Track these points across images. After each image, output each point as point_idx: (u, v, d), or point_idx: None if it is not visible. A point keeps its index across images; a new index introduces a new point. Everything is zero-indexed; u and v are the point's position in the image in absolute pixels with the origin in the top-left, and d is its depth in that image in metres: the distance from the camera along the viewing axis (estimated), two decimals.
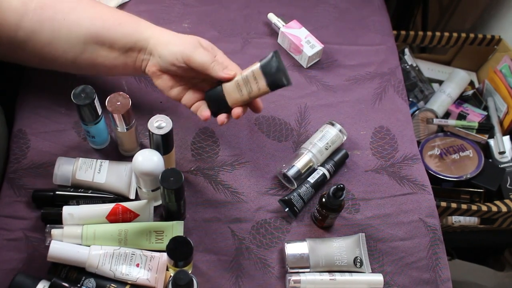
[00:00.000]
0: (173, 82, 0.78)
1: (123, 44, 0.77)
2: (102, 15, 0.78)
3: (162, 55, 0.75)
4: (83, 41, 0.77)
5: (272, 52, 0.71)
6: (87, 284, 0.72)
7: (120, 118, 0.75)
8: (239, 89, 0.73)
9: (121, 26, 0.78)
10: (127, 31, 0.77)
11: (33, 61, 0.82)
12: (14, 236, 0.76)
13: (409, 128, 0.95)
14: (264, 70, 0.71)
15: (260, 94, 0.72)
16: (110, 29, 0.77)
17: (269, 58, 0.71)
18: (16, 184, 0.80)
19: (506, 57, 1.31)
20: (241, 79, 0.73)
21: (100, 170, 0.80)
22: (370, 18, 1.09)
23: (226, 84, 0.74)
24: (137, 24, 0.79)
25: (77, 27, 0.77)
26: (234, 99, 0.74)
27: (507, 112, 1.29)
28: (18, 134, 0.85)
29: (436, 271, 0.81)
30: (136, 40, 0.77)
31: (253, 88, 0.72)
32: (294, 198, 0.82)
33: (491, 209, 1.16)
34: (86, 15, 0.78)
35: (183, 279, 0.64)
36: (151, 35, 0.77)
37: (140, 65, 0.79)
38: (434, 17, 1.70)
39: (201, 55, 0.74)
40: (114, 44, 0.77)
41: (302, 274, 0.76)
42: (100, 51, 0.78)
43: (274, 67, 0.70)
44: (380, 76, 1.01)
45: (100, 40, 0.77)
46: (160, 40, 0.76)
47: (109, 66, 0.79)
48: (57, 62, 0.80)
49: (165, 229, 0.76)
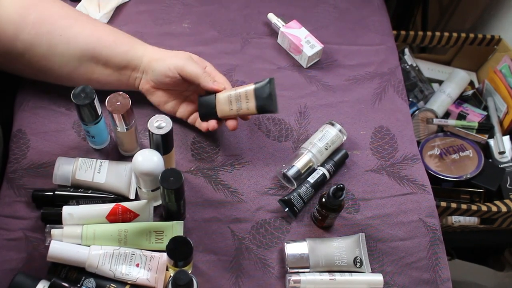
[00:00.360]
0: (166, 97, 0.84)
1: (117, 62, 0.81)
2: (98, 33, 0.82)
3: (155, 69, 0.81)
4: (79, 57, 0.81)
5: (268, 78, 0.79)
6: (87, 284, 0.72)
7: (120, 118, 0.75)
8: (229, 103, 0.80)
9: (116, 45, 0.82)
10: (122, 50, 0.82)
11: (29, 73, 0.85)
12: (14, 236, 0.76)
13: (409, 128, 0.95)
14: (257, 93, 0.78)
15: (247, 113, 0.80)
16: (105, 47, 0.81)
17: (264, 83, 0.78)
18: (16, 184, 0.80)
19: (506, 57, 1.31)
20: (234, 94, 0.79)
21: (100, 170, 0.80)
22: (370, 18, 1.09)
23: (219, 95, 0.80)
24: (132, 44, 0.84)
25: (73, 44, 0.80)
26: (223, 111, 0.80)
27: (507, 112, 1.29)
28: (18, 134, 0.85)
29: (436, 271, 0.81)
30: (130, 59, 0.82)
31: (243, 106, 0.79)
32: (294, 198, 0.82)
33: (491, 209, 1.16)
34: (83, 33, 0.81)
35: (183, 279, 0.64)
36: (144, 53, 0.82)
37: (134, 82, 0.84)
38: (434, 17, 1.70)
39: (192, 66, 0.80)
40: (108, 61, 0.81)
41: (302, 274, 0.76)
42: (95, 68, 0.82)
43: (267, 93, 0.77)
44: (380, 76, 1.01)
45: (95, 57, 0.81)
46: (153, 57, 0.82)
47: (104, 82, 0.84)
48: (52, 75, 0.83)
49: (165, 229, 0.76)
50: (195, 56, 0.84)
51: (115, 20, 1.00)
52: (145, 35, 0.95)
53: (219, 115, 0.81)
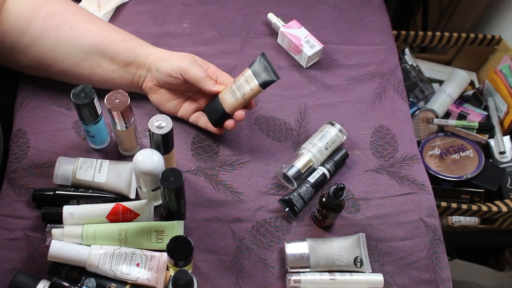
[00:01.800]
0: (169, 95, 0.85)
1: (124, 58, 0.83)
2: (107, 30, 0.84)
3: (159, 68, 0.82)
4: (86, 50, 0.82)
5: (259, 55, 0.79)
6: (87, 283, 0.72)
7: (119, 116, 0.75)
8: (233, 95, 0.81)
9: (124, 42, 0.84)
10: (129, 46, 0.84)
11: (29, 67, 0.85)
12: (14, 236, 0.76)
13: (409, 128, 0.95)
14: (254, 71, 0.79)
15: (253, 94, 0.80)
16: (113, 43, 0.83)
17: (257, 60, 0.79)
18: (17, 184, 0.80)
19: (506, 57, 1.31)
20: (235, 85, 0.81)
21: (100, 170, 0.80)
22: (369, 18, 1.09)
23: (221, 95, 0.82)
24: (139, 42, 0.86)
25: (82, 37, 0.82)
26: (231, 105, 0.81)
27: (507, 112, 1.29)
28: (18, 134, 0.85)
29: (436, 271, 0.81)
30: (137, 56, 0.83)
31: (246, 90, 0.79)
32: (294, 198, 0.82)
33: (491, 209, 1.16)
34: (92, 28, 0.83)
35: (183, 278, 0.64)
36: (150, 52, 0.84)
37: (138, 80, 0.85)
38: (434, 17, 1.70)
39: (195, 69, 0.81)
40: (115, 56, 0.83)
41: (302, 274, 0.76)
42: (101, 62, 0.83)
43: (263, 67, 0.79)
44: (380, 76, 1.01)
45: (102, 51, 0.82)
46: (158, 56, 0.84)
47: (106, 78, 0.84)
48: (55, 69, 0.83)
49: (165, 228, 0.76)
50: (198, 58, 0.85)
51: (115, 20, 1.01)
52: (145, 35, 0.95)
53: (228, 111, 0.82)
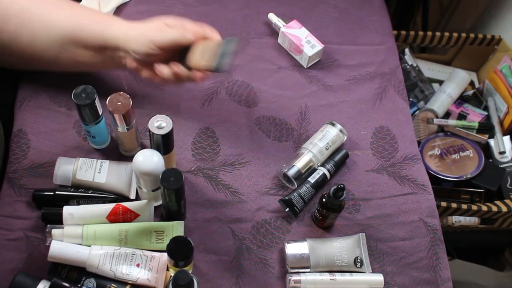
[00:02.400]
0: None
1: (95, 43, 0.79)
2: (75, 15, 0.80)
3: (136, 50, 0.77)
4: (60, 41, 0.79)
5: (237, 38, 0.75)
6: (88, 284, 0.72)
7: (121, 118, 0.75)
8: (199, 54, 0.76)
9: (91, 26, 0.79)
10: (97, 30, 0.79)
11: (19, 63, 0.84)
12: (14, 236, 0.76)
13: (409, 128, 0.95)
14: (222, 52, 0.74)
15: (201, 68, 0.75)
16: (82, 29, 0.79)
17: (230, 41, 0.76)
18: (17, 184, 0.80)
19: (506, 57, 1.31)
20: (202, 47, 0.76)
21: (100, 170, 0.80)
22: (370, 18, 1.09)
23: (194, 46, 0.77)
24: (106, 23, 0.80)
25: (52, 29, 0.79)
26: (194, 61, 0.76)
27: (507, 112, 1.29)
28: (18, 134, 0.85)
29: (436, 271, 0.81)
30: (107, 39, 0.78)
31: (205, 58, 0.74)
32: (294, 198, 0.82)
33: (491, 209, 1.16)
34: (60, 17, 0.80)
35: (183, 279, 0.64)
36: (118, 32, 0.78)
37: (119, 62, 0.81)
38: (434, 17, 1.70)
39: (169, 35, 0.76)
40: (87, 43, 0.79)
41: (302, 274, 0.76)
42: (77, 51, 0.80)
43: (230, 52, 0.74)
44: (381, 76, 1.01)
45: (74, 39, 0.79)
46: (128, 36, 0.77)
47: (90, 64, 0.82)
48: (41, 61, 0.82)
49: (165, 229, 0.76)
50: (169, 20, 0.79)
51: None
52: None
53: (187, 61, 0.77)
